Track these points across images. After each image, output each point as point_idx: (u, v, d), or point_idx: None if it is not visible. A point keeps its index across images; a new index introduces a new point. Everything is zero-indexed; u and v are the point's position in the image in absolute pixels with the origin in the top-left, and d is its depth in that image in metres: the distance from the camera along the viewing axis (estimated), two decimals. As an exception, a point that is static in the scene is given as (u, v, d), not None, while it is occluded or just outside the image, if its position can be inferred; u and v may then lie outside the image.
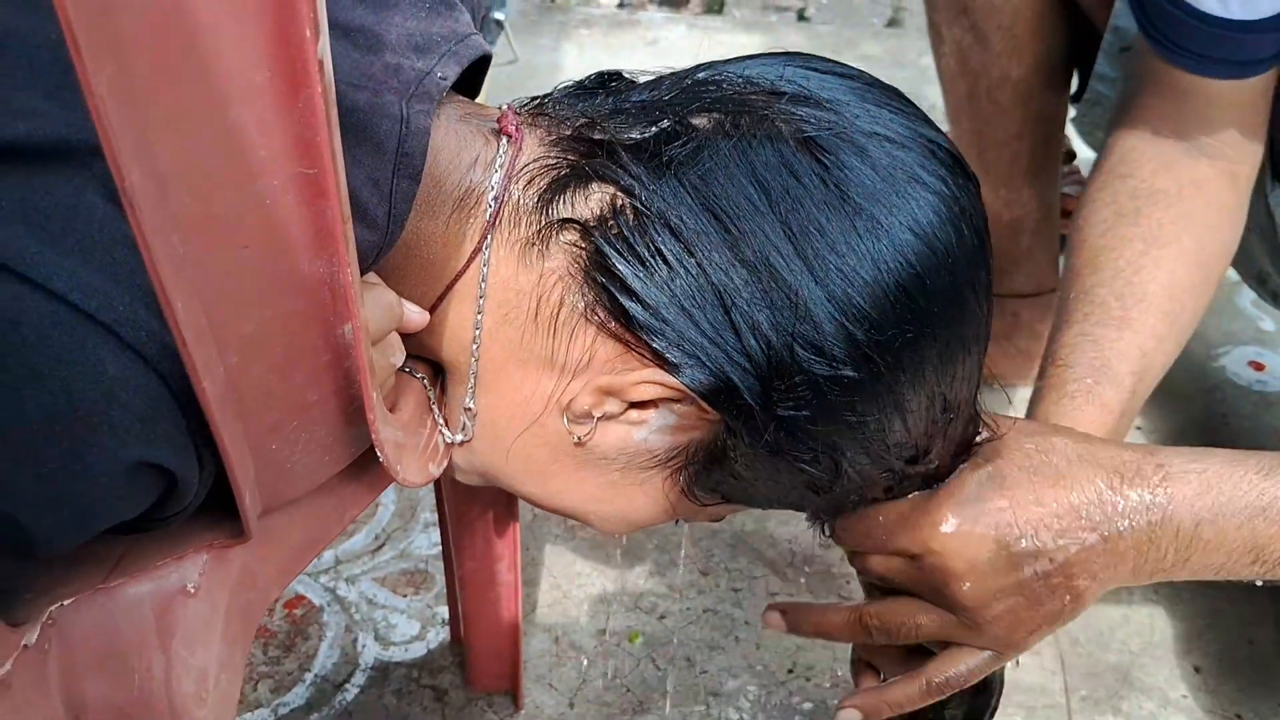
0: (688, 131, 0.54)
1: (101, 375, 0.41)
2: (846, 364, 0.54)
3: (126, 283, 0.41)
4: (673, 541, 1.13)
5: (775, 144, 0.54)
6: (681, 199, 0.53)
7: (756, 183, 0.53)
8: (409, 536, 1.13)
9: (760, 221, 0.53)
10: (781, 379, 0.54)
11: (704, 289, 0.53)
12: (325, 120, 0.35)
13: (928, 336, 0.56)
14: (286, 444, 0.49)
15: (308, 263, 0.41)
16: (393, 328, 0.54)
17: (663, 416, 0.57)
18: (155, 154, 0.32)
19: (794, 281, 0.53)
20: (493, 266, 0.56)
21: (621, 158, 0.54)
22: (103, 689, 0.50)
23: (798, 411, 0.55)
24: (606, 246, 0.53)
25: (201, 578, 0.51)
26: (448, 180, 0.55)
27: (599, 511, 0.63)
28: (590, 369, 0.56)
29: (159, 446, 0.43)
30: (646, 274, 0.53)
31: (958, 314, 0.57)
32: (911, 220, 0.54)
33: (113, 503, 0.44)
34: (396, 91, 0.52)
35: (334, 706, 0.96)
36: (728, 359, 0.54)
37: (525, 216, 0.56)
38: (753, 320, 0.53)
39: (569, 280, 0.55)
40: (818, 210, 0.53)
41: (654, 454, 0.59)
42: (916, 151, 0.55)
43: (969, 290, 0.57)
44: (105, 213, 0.42)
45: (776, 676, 1.00)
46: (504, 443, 0.61)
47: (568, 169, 0.56)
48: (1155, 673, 1.02)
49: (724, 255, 0.53)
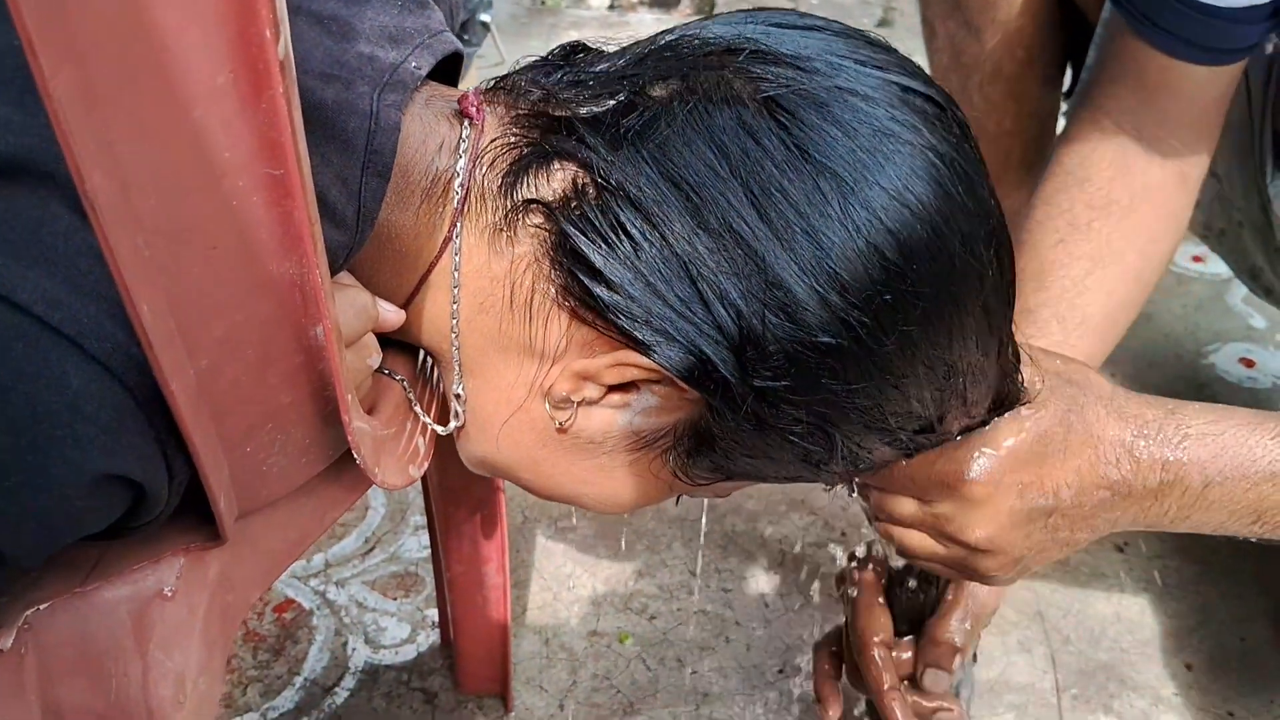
0: (645, 101, 0.53)
1: (65, 388, 0.40)
2: (821, 330, 0.52)
3: (91, 294, 0.41)
4: (662, 542, 1.13)
5: (733, 106, 0.52)
6: (641, 170, 0.52)
7: (715, 147, 0.52)
8: (399, 539, 1.13)
9: (721, 187, 0.51)
10: (754, 349, 0.52)
11: (669, 260, 0.52)
12: (289, 121, 0.35)
13: (910, 297, 0.53)
14: (262, 447, 0.49)
15: (276, 264, 0.40)
16: (367, 329, 0.54)
17: (644, 399, 0.56)
18: (117, 157, 0.32)
19: (760, 247, 0.51)
20: (465, 254, 0.56)
21: (580, 132, 0.53)
22: (80, 694, 0.50)
23: (776, 382, 0.53)
24: (570, 227, 0.52)
25: (178, 581, 0.51)
26: (415, 169, 0.55)
27: (592, 494, 0.62)
28: (567, 354, 0.56)
29: (124, 458, 0.43)
30: (610, 251, 0.52)
31: (944, 270, 0.53)
32: (880, 175, 0.51)
33: (79, 516, 0.44)
34: (370, 81, 0.51)
35: (323, 710, 0.96)
36: (698, 332, 0.52)
37: (491, 201, 0.55)
38: (720, 289, 0.51)
39: (538, 265, 0.54)
40: (779, 172, 0.51)
41: (640, 436, 0.58)
42: (885, 104, 0.53)
43: (956, 243, 0.53)
44: (70, 223, 0.41)
45: (767, 677, 1.00)
46: (492, 430, 0.60)
47: (528, 148, 0.55)
48: (1146, 671, 1.02)
49: (686, 224, 0.51)
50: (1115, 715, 0.98)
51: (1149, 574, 1.12)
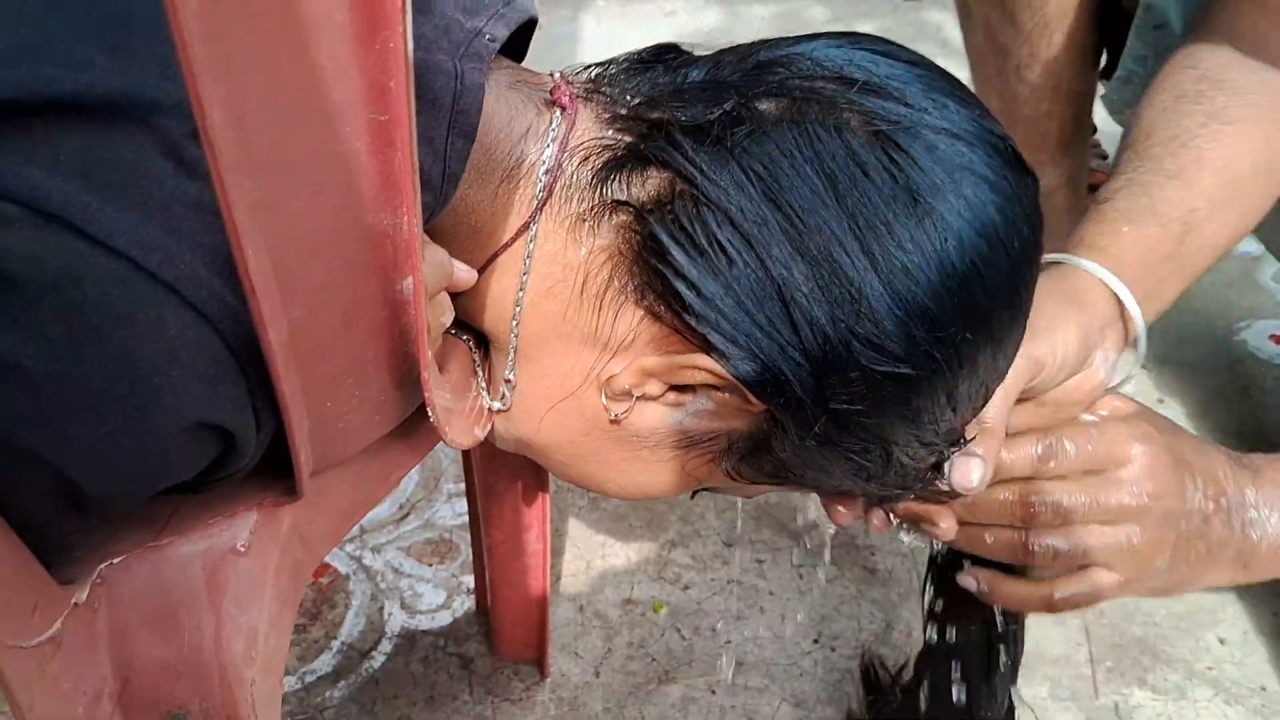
0: (752, 116, 0.53)
1: (162, 334, 0.40)
2: (905, 362, 0.53)
3: (187, 240, 0.40)
4: (696, 513, 1.13)
5: (843, 135, 0.52)
6: (743, 188, 0.52)
7: (823, 174, 0.52)
8: (433, 506, 1.12)
9: (826, 215, 0.52)
10: (835, 374, 0.53)
11: (762, 282, 0.52)
12: (402, 67, 0.35)
13: (985, 335, 0.55)
14: (340, 402, 0.48)
15: (374, 213, 0.40)
16: (443, 285, 0.54)
17: (700, 401, 0.57)
18: (236, 93, 0.32)
19: (857, 278, 0.52)
20: (540, 240, 0.55)
21: (680, 142, 0.53)
22: (152, 647, 0.50)
23: (851, 406, 0.54)
24: (662, 233, 0.52)
25: (252, 536, 0.51)
26: (498, 148, 0.55)
27: (620, 482, 0.63)
28: (633, 348, 0.56)
29: (220, 406, 0.43)
30: (703, 263, 0.52)
31: (1013, 313, 0.57)
32: (977, 220, 0.53)
33: (173, 463, 0.44)
34: (447, 51, 0.51)
35: (361, 674, 0.96)
36: (781, 353, 0.53)
37: (578, 193, 0.55)
38: (811, 315, 0.52)
39: (619, 260, 0.54)
40: (885, 206, 0.52)
41: (688, 435, 0.59)
42: (982, 149, 0.54)
43: (1024, 288, 0.57)
44: (165, 169, 0.41)
45: (802, 647, 1.00)
46: (539, 413, 0.61)
47: (625, 149, 0.54)
48: (1180, 644, 1.02)
49: (784, 249, 0.52)
50: (1149, 688, 0.98)
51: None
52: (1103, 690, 0.98)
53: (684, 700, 0.95)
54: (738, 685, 0.97)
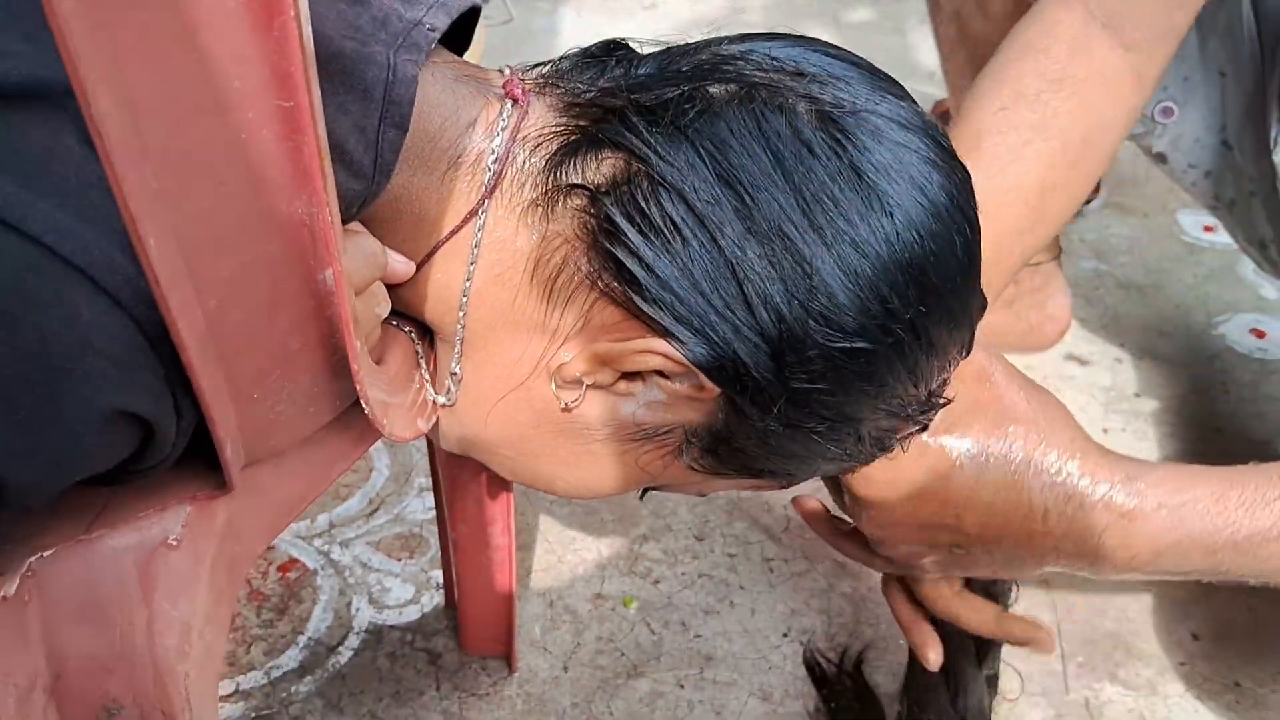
0: (704, 98, 0.54)
1: (76, 320, 0.40)
2: (862, 336, 0.53)
3: (102, 226, 0.40)
4: (668, 507, 1.13)
5: (790, 117, 0.53)
6: (695, 167, 0.52)
7: (770, 152, 0.52)
8: (403, 501, 1.12)
9: (774, 191, 0.52)
10: (793, 352, 0.53)
11: (716, 262, 0.52)
12: (301, 51, 0.34)
13: (939, 308, 0.56)
14: (270, 394, 0.48)
15: (286, 203, 0.40)
16: (376, 277, 0.53)
17: (650, 392, 0.57)
18: (124, 81, 0.31)
19: (808, 252, 0.52)
20: (489, 227, 0.55)
21: (635, 123, 0.53)
22: (84, 642, 0.49)
23: (812, 385, 0.54)
24: (618, 214, 0.52)
25: (184, 529, 0.50)
26: (443, 137, 0.54)
27: (569, 479, 0.62)
28: (583, 335, 0.55)
29: (135, 394, 0.42)
30: (660, 245, 0.52)
31: (966, 287, 0.58)
32: (923, 196, 0.54)
33: (88, 451, 0.43)
34: (384, 43, 0.51)
35: (327, 669, 0.96)
36: (736, 333, 0.53)
37: (531, 179, 0.55)
38: (765, 293, 0.52)
39: (573, 244, 0.54)
40: (831, 182, 0.52)
41: (640, 428, 0.58)
42: (922, 135, 0.55)
43: (973, 264, 0.58)
44: (81, 155, 0.40)
45: (771, 641, 1.00)
46: (486, 406, 0.60)
47: (578, 133, 0.55)
48: (1153, 640, 1.02)
49: (737, 228, 0.52)
50: (1121, 684, 0.98)
51: (1156, 543, 1.11)
52: (1073, 685, 0.98)
53: (652, 695, 0.95)
54: (706, 679, 0.97)
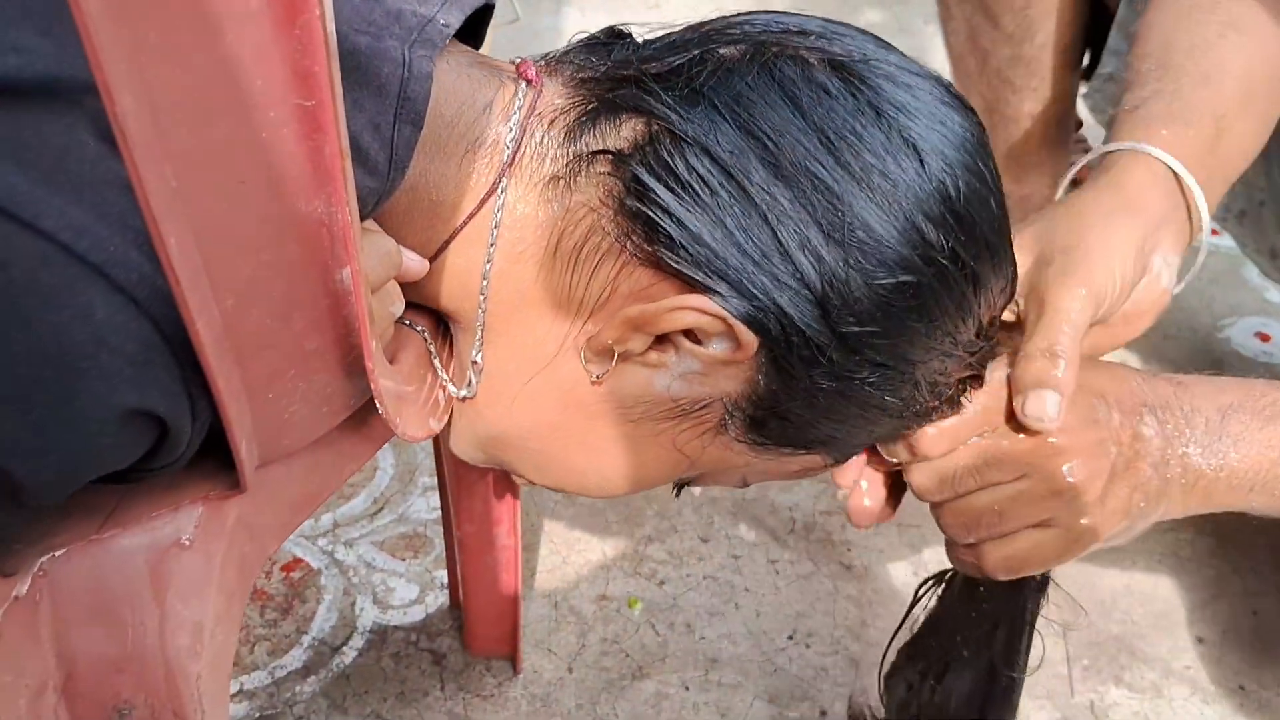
0: (715, 59, 0.54)
1: (91, 318, 0.40)
2: (907, 269, 0.53)
3: (117, 223, 0.40)
4: (673, 508, 1.12)
5: (802, 65, 0.54)
6: (716, 123, 0.52)
7: (788, 98, 0.53)
8: (407, 500, 1.12)
9: (797, 135, 0.52)
10: (838, 296, 0.53)
11: (747, 211, 0.52)
12: (324, 50, 0.34)
13: (976, 241, 0.55)
14: (284, 393, 0.48)
15: (305, 202, 0.39)
16: (391, 275, 0.53)
17: (685, 362, 0.55)
18: (147, 79, 0.31)
19: (840, 189, 0.52)
20: (508, 205, 0.55)
21: (651, 87, 0.54)
22: (95, 642, 0.49)
23: (862, 327, 0.54)
24: (644, 173, 0.52)
25: (196, 530, 0.50)
26: (459, 121, 0.54)
27: (605, 469, 0.60)
28: (610, 304, 0.55)
29: (150, 393, 0.42)
30: (690, 199, 0.52)
31: (997, 219, 0.57)
32: (945, 131, 0.54)
33: (103, 451, 0.43)
34: (398, 38, 0.51)
35: (331, 669, 0.96)
36: (775, 282, 0.52)
37: (550, 153, 0.55)
38: (802, 236, 0.52)
39: (600, 211, 0.54)
40: (852, 118, 0.53)
41: (677, 403, 0.57)
42: (932, 82, 0.56)
43: (997, 201, 0.57)
44: (97, 152, 0.40)
45: (776, 643, 1.00)
46: (510, 393, 0.59)
47: (595, 103, 0.55)
48: (1158, 643, 1.02)
49: (764, 174, 0.52)
50: (1126, 687, 0.98)
51: (1161, 546, 1.11)
52: (1079, 688, 0.98)
53: (657, 696, 0.95)
54: (711, 681, 0.96)
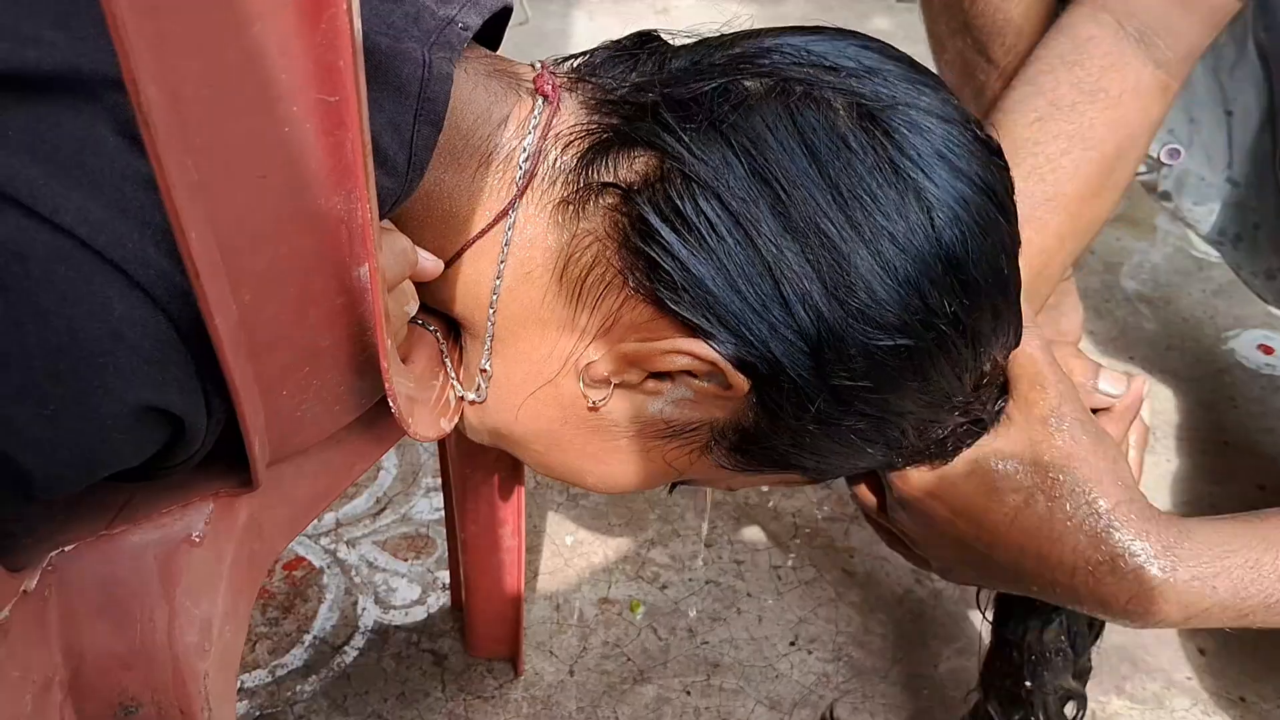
0: (738, 92, 0.53)
1: (108, 314, 0.39)
2: (904, 333, 0.53)
3: (135, 219, 0.40)
4: (675, 512, 1.12)
5: (826, 110, 0.53)
6: (730, 165, 0.52)
7: (806, 147, 0.52)
8: (410, 501, 1.12)
9: (811, 188, 0.52)
10: (831, 351, 0.53)
11: (753, 260, 0.52)
12: (350, 45, 0.34)
13: (980, 302, 0.55)
14: (297, 391, 0.48)
15: (325, 198, 0.39)
16: (406, 275, 0.53)
17: (679, 390, 0.56)
18: (173, 70, 0.31)
19: (846, 249, 0.52)
20: (519, 225, 0.55)
21: (667, 120, 0.53)
22: (103, 638, 0.49)
23: (854, 382, 0.54)
24: (651, 213, 0.52)
25: (207, 527, 0.50)
26: (475, 134, 0.54)
27: (598, 474, 0.62)
28: (611, 334, 0.55)
29: (167, 390, 0.42)
30: (695, 243, 0.52)
31: (1006, 280, 0.57)
32: (961, 191, 0.53)
33: (117, 447, 0.43)
34: (417, 39, 0.51)
35: (332, 668, 0.95)
36: (772, 332, 0.52)
37: (562, 177, 0.54)
38: (803, 290, 0.52)
39: (605, 243, 0.54)
40: (868, 177, 0.52)
41: (669, 425, 0.58)
42: (960, 127, 0.55)
43: (1013, 258, 0.58)
44: (115, 146, 0.40)
45: (778, 649, 1.00)
46: (515, 402, 0.60)
47: (610, 132, 0.54)
48: (1160, 654, 1.02)
49: (773, 225, 0.51)
50: (1127, 697, 0.98)
51: (1164, 557, 1.11)
52: (1080, 698, 0.98)
53: (658, 701, 0.95)
54: (712, 686, 0.96)
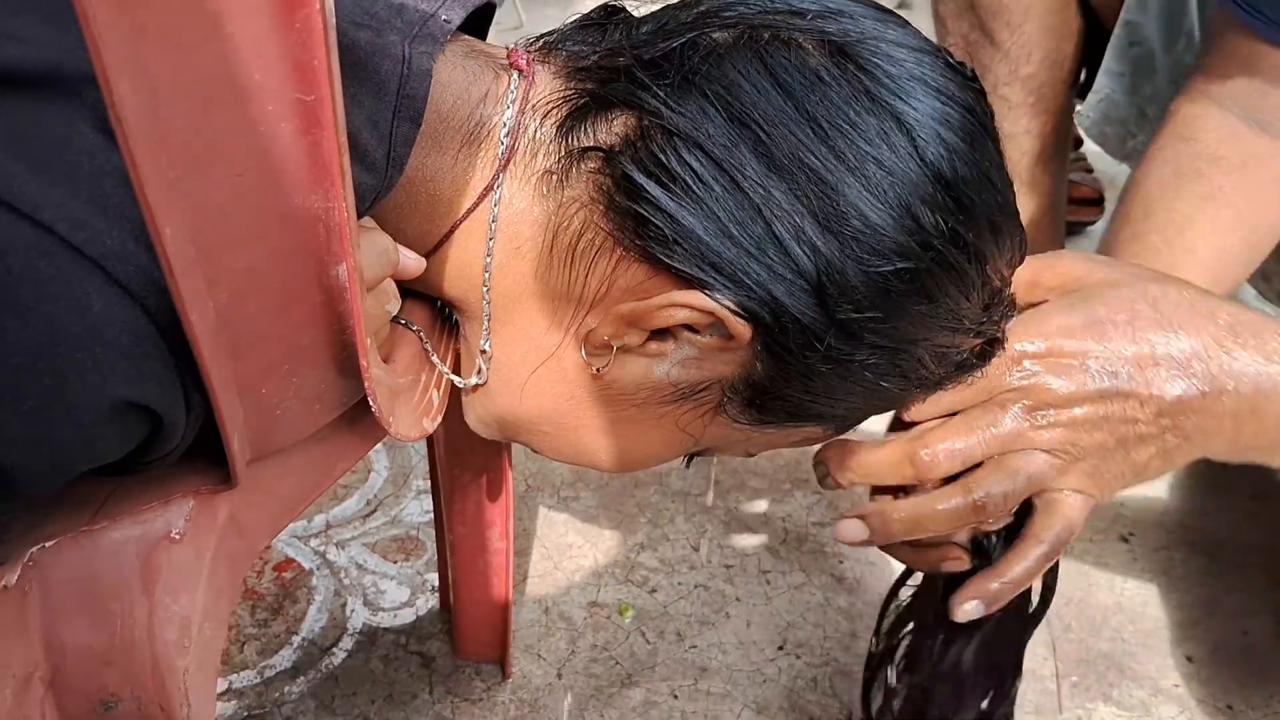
0: (707, 43, 0.54)
1: (87, 310, 0.40)
2: (905, 256, 0.53)
3: (115, 215, 0.40)
4: (665, 516, 1.12)
5: (795, 50, 0.53)
6: (707, 114, 0.52)
7: (780, 86, 0.52)
8: (400, 503, 1.12)
9: (790, 125, 0.52)
10: (835, 284, 0.52)
11: (741, 204, 0.52)
12: (324, 44, 0.34)
13: (977, 220, 0.55)
14: (278, 389, 0.48)
15: (302, 197, 0.39)
16: (387, 274, 0.53)
17: (683, 349, 0.56)
18: (146, 67, 0.31)
19: (833, 179, 0.52)
20: (505, 200, 0.55)
21: (641, 79, 0.53)
22: (83, 634, 0.49)
23: (861, 314, 0.53)
24: (635, 170, 0.52)
25: (187, 523, 0.50)
26: (455, 115, 0.54)
27: (611, 448, 0.61)
28: (609, 299, 0.55)
29: (145, 385, 0.42)
30: (682, 194, 0.52)
31: (999, 192, 0.56)
32: (940, 111, 0.54)
33: (95, 443, 0.43)
34: (399, 32, 0.51)
35: (321, 670, 0.95)
36: (771, 274, 0.52)
37: (543, 148, 0.55)
38: (796, 227, 0.52)
39: (592, 208, 0.54)
40: (846, 107, 0.52)
41: (678, 387, 0.57)
42: (931, 56, 0.55)
43: (999, 176, 0.57)
44: (95, 143, 0.40)
45: (766, 653, 1.00)
46: (518, 380, 0.60)
47: (586, 97, 0.55)
48: (1147, 661, 1.02)
49: (757, 167, 0.52)
50: (1114, 704, 0.98)
51: (1153, 564, 1.11)
52: (1067, 705, 0.98)
53: (645, 704, 0.95)
54: (700, 690, 0.96)
